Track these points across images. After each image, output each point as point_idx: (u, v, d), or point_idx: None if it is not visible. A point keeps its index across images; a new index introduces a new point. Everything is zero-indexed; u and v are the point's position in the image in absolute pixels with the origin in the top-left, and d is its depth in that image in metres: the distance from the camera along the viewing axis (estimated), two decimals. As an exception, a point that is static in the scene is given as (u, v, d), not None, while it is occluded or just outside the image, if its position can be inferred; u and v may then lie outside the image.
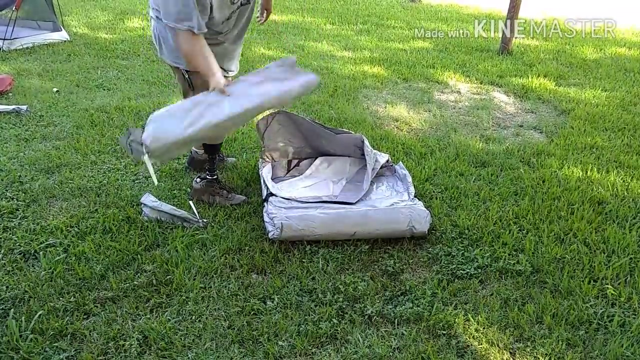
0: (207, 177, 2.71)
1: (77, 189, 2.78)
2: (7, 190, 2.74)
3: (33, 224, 2.46)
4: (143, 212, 2.53)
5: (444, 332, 1.90)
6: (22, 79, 4.59)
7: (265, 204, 2.55)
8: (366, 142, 2.81)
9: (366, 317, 1.96)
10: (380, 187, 2.76)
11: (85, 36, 6.22)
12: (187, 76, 2.39)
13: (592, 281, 2.18)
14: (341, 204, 2.56)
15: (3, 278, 2.09)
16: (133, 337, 1.82)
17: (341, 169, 2.98)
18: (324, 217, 2.36)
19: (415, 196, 2.63)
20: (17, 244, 2.31)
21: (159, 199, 2.58)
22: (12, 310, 1.93)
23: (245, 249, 2.33)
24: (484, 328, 1.93)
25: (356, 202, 2.56)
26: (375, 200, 2.61)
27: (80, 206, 2.63)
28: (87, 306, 1.96)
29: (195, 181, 2.72)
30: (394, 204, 2.53)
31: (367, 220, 2.37)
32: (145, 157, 2.05)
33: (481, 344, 1.86)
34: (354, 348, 1.82)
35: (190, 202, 2.56)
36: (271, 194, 2.59)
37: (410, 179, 2.75)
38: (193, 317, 1.94)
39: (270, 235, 2.32)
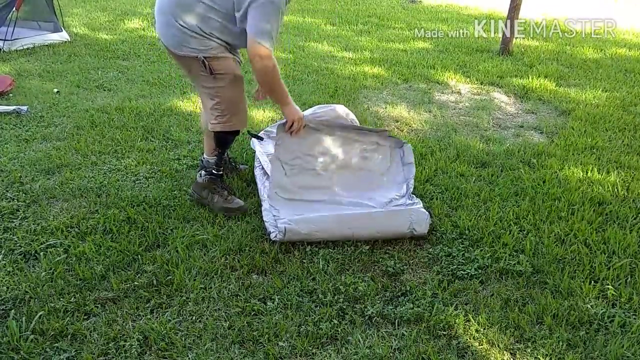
0: (213, 171, 2.65)
1: (78, 189, 2.78)
2: (7, 191, 2.74)
3: (33, 224, 2.46)
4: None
5: (445, 332, 1.90)
6: (22, 79, 4.59)
7: (263, 202, 2.55)
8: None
9: (366, 317, 1.96)
10: (375, 156, 2.73)
11: (86, 37, 6.22)
12: (207, 63, 2.33)
13: (592, 282, 2.18)
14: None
15: (4, 279, 2.09)
16: (133, 337, 1.82)
17: (353, 183, 2.73)
18: (326, 219, 2.36)
19: (412, 193, 2.63)
20: (18, 245, 2.31)
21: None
22: (13, 310, 1.93)
23: (245, 249, 2.33)
24: (484, 329, 1.93)
25: (353, 192, 2.56)
26: (375, 192, 2.58)
27: (80, 207, 2.63)
28: (87, 307, 1.96)
29: (200, 174, 2.67)
30: (393, 200, 2.53)
31: (369, 222, 2.38)
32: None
33: (482, 345, 1.85)
34: (355, 349, 1.81)
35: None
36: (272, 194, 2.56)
37: (413, 172, 2.71)
38: (193, 318, 1.94)
39: (272, 237, 2.33)
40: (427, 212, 2.43)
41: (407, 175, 2.72)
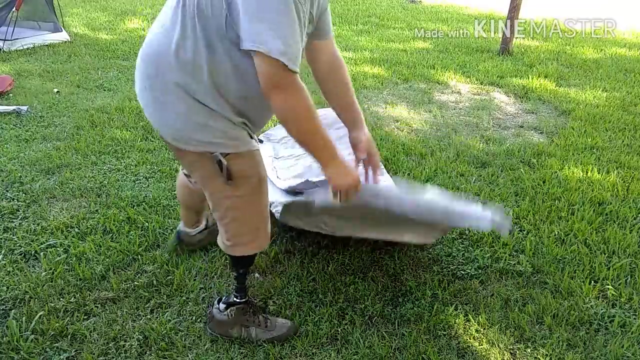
0: (235, 301, 1.85)
1: (78, 189, 2.78)
2: (7, 191, 2.74)
3: (33, 224, 2.46)
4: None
5: (445, 332, 1.90)
6: (22, 79, 4.59)
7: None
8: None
9: (366, 317, 1.96)
10: None
11: (86, 37, 6.22)
12: (224, 163, 1.50)
13: (592, 282, 2.18)
14: None
15: (4, 278, 2.09)
16: (133, 337, 1.82)
17: None
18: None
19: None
20: (18, 245, 2.31)
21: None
22: (13, 310, 1.93)
23: (245, 249, 2.33)
24: (484, 329, 1.93)
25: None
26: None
27: (80, 207, 2.63)
28: (87, 307, 1.96)
29: (218, 309, 1.84)
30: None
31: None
32: None
33: (482, 345, 1.85)
34: (355, 349, 1.82)
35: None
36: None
37: (456, 224, 2.24)
38: (193, 318, 1.94)
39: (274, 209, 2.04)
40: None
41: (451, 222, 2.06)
